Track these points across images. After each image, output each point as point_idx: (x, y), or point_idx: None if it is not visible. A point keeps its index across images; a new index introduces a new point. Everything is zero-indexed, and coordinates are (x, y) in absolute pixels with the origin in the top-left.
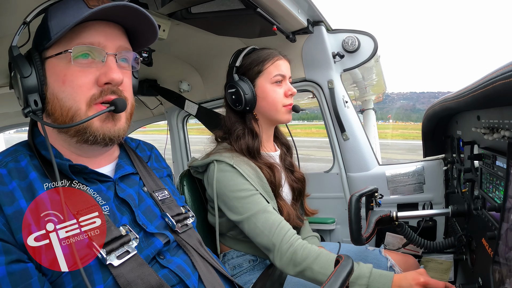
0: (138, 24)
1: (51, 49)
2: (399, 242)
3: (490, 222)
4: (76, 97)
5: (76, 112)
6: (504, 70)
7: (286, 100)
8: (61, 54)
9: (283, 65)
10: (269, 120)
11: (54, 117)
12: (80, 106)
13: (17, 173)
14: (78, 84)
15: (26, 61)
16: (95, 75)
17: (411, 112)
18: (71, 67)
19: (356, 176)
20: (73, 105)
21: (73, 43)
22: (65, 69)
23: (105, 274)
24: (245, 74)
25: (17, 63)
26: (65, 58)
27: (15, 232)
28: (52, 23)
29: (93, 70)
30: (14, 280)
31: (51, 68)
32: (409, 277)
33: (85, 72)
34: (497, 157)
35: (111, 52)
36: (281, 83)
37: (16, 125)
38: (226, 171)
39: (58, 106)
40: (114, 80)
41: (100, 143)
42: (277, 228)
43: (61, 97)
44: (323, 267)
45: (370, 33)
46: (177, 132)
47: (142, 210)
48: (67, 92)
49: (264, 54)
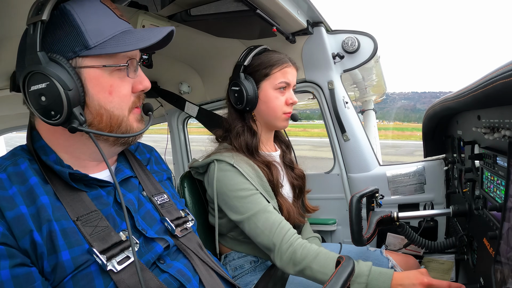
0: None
1: (90, 58)
2: (400, 243)
3: (491, 222)
4: (123, 106)
5: (123, 119)
6: (504, 69)
7: (286, 108)
8: (114, 66)
9: (290, 73)
10: (266, 124)
11: (99, 127)
12: (125, 113)
13: (16, 177)
14: (124, 94)
15: (63, 69)
16: (131, 83)
17: (411, 112)
18: (115, 78)
19: (356, 177)
20: (120, 114)
21: (120, 55)
22: (110, 80)
23: (106, 279)
24: (251, 74)
25: (54, 73)
26: (110, 70)
27: (17, 237)
28: (88, 29)
29: (129, 79)
30: (18, 284)
31: (93, 79)
32: (412, 276)
33: (125, 82)
34: (498, 157)
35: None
36: (285, 90)
37: (17, 127)
38: (226, 171)
39: (107, 116)
40: (148, 88)
41: (132, 142)
42: (278, 228)
43: (109, 107)
44: (322, 266)
45: (370, 33)
46: (178, 134)
47: (141, 215)
48: (115, 102)
49: (274, 58)
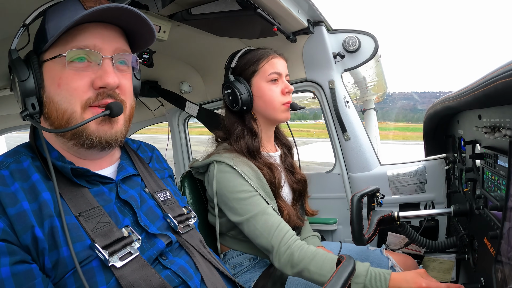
0: (135, 26)
1: (47, 52)
2: (401, 242)
3: (492, 222)
4: (72, 100)
5: (71, 115)
6: (505, 69)
7: (284, 98)
8: (56, 57)
9: (278, 63)
10: (267, 119)
11: (50, 121)
12: (75, 109)
13: (19, 174)
14: (73, 87)
15: (24, 64)
16: (91, 78)
17: (410, 112)
18: (66, 70)
19: (357, 176)
20: (68, 108)
21: (69, 46)
22: (60, 72)
23: (108, 275)
24: (240, 74)
25: (15, 66)
26: (61, 62)
27: (19, 233)
28: (49, 26)
29: (89, 73)
30: (18, 281)
31: (47, 71)
32: (410, 279)
33: (80, 75)
34: (499, 156)
35: (107, 55)
36: (277, 81)
37: (18, 127)
38: (225, 172)
39: (54, 109)
40: (109, 85)
41: (96, 146)
42: (276, 230)
43: (57, 100)
44: (319, 267)
45: (370, 33)
46: (178, 133)
47: (144, 211)
48: (62, 95)
49: (258, 53)
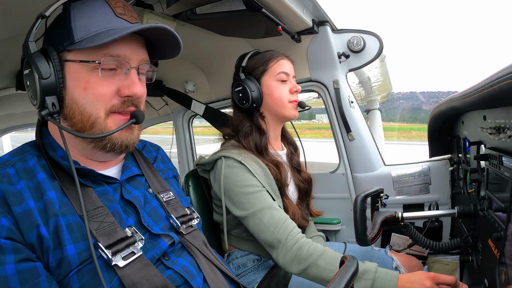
0: (161, 42)
1: (73, 52)
2: (404, 243)
3: (496, 223)
4: (97, 105)
5: (96, 120)
6: (510, 69)
7: (292, 97)
8: (88, 62)
9: (286, 64)
10: (276, 117)
11: (72, 122)
12: (100, 114)
13: (25, 173)
14: (100, 93)
15: (44, 59)
16: (117, 85)
17: (414, 112)
18: (95, 75)
19: (361, 177)
20: (93, 112)
21: (101, 53)
22: (87, 76)
23: (111, 274)
24: (250, 73)
25: (35, 62)
26: (90, 65)
27: (24, 232)
28: (77, 25)
29: (116, 81)
30: (23, 279)
31: (71, 72)
32: (415, 284)
33: (108, 82)
34: (504, 157)
35: (134, 65)
36: (286, 82)
37: (22, 125)
38: (233, 167)
39: (78, 112)
40: (137, 95)
41: (117, 150)
42: (283, 225)
43: (82, 103)
44: (329, 263)
45: (375, 33)
46: (183, 133)
47: (147, 211)
48: (89, 98)
49: (267, 54)
